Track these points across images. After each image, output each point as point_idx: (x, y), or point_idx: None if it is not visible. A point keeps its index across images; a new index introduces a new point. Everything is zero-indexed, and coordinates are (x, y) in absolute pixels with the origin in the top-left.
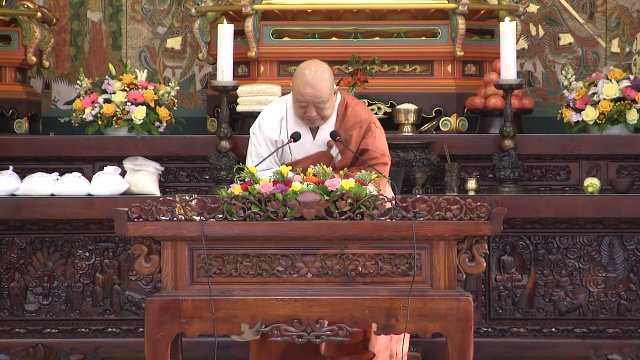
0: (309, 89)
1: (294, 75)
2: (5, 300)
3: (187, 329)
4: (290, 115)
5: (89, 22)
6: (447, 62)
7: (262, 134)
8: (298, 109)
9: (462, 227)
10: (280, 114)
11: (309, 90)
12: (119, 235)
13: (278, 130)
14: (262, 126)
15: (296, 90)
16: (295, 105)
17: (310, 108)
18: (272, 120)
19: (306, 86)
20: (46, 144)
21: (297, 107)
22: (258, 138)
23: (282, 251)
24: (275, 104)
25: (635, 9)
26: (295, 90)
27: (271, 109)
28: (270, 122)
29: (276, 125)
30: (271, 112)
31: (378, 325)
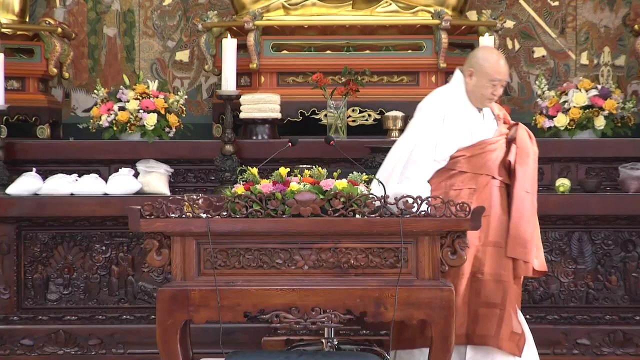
0: (504, 68)
1: (482, 58)
2: (29, 290)
3: (194, 316)
4: (453, 107)
5: (105, 37)
6: (431, 73)
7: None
8: (487, 89)
9: (445, 224)
10: (443, 109)
11: (504, 69)
12: (133, 230)
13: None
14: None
15: (492, 70)
16: (485, 86)
17: (499, 87)
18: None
19: (502, 66)
20: (66, 148)
21: (487, 87)
22: (432, 126)
23: (281, 245)
24: (436, 99)
25: (603, 25)
26: (491, 70)
27: (436, 101)
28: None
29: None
30: (438, 103)
31: (368, 313)
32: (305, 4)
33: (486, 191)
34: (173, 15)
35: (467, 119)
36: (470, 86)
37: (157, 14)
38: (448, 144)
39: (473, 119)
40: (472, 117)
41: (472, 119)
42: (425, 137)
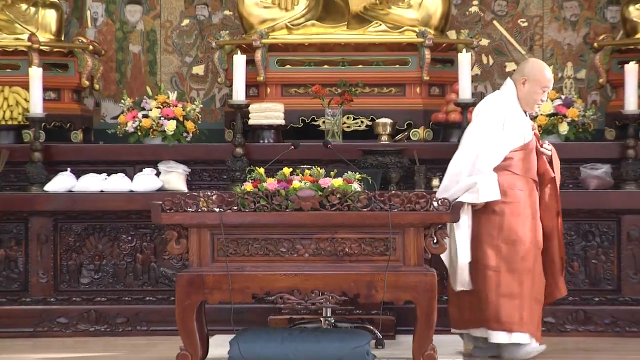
0: (552, 77)
1: (535, 68)
2: (65, 275)
3: (209, 297)
4: (509, 111)
5: (130, 53)
6: (416, 85)
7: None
8: (538, 95)
9: (428, 217)
10: (503, 114)
11: (552, 78)
12: (155, 223)
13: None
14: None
15: (544, 79)
16: (537, 92)
17: (546, 93)
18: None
19: (551, 75)
20: (96, 151)
21: (538, 93)
22: (493, 127)
23: (285, 236)
24: (494, 104)
25: (566, 43)
26: (543, 79)
27: (495, 106)
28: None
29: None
30: (497, 107)
31: (361, 295)
32: (306, 25)
33: (533, 194)
34: (190, 35)
35: (521, 122)
36: (523, 93)
37: (176, 33)
38: (507, 147)
39: (524, 122)
40: (524, 121)
41: (524, 122)
42: (489, 144)
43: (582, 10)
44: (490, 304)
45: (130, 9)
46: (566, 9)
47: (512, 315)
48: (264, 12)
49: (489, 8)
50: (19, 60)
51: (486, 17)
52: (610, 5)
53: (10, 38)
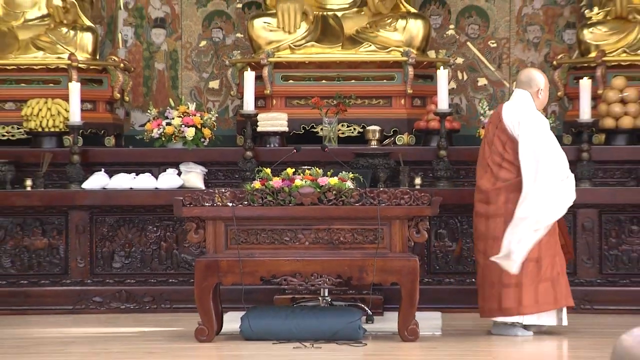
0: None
1: (540, 77)
2: (99, 260)
3: (223, 280)
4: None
5: (155, 70)
6: (401, 97)
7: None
8: (547, 96)
9: (411, 210)
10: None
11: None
12: (177, 216)
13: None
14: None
15: (547, 83)
16: (547, 95)
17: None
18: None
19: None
20: (126, 154)
21: (547, 95)
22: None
23: (288, 227)
24: (533, 109)
25: (529, 61)
26: (547, 83)
27: (537, 112)
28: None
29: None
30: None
31: (354, 277)
32: (306, 45)
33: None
34: (207, 54)
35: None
36: (541, 100)
37: (195, 53)
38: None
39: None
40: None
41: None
42: (553, 137)
43: (543, 33)
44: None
45: (156, 32)
46: (529, 32)
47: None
48: (270, 35)
49: (464, 31)
50: (61, 76)
51: (461, 39)
52: (567, 29)
53: (53, 57)
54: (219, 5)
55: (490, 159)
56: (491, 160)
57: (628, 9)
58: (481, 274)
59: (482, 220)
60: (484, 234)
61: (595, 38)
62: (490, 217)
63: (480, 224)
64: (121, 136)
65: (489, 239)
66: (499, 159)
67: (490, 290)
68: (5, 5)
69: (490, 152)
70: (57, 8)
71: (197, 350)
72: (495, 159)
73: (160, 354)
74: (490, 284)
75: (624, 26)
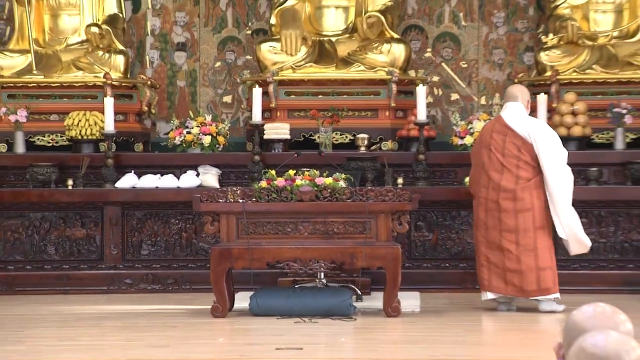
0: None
1: (524, 91)
2: (130, 248)
3: (235, 265)
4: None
5: (178, 87)
6: (386, 110)
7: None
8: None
9: (394, 206)
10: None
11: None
12: (195, 210)
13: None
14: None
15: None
16: (529, 105)
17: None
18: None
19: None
20: (153, 158)
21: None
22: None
23: (290, 220)
24: (526, 115)
25: (495, 79)
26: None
27: (528, 115)
28: None
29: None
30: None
31: (345, 262)
32: (306, 66)
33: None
34: (221, 73)
35: None
36: (528, 108)
37: (211, 72)
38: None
39: None
40: None
41: None
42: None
43: (506, 55)
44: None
45: (178, 54)
46: (494, 54)
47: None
48: (275, 57)
49: (439, 54)
50: (97, 92)
51: (436, 61)
52: (526, 52)
53: (91, 76)
54: (231, 31)
55: (506, 161)
56: (507, 162)
57: (578, 35)
58: (516, 261)
59: (511, 216)
60: (514, 227)
61: (550, 60)
62: (518, 212)
63: (509, 219)
64: (148, 143)
65: (519, 231)
66: (515, 161)
67: (529, 274)
68: (51, 32)
69: (504, 156)
70: (94, 34)
71: (212, 325)
72: (511, 162)
73: (181, 328)
74: (528, 269)
75: (575, 50)
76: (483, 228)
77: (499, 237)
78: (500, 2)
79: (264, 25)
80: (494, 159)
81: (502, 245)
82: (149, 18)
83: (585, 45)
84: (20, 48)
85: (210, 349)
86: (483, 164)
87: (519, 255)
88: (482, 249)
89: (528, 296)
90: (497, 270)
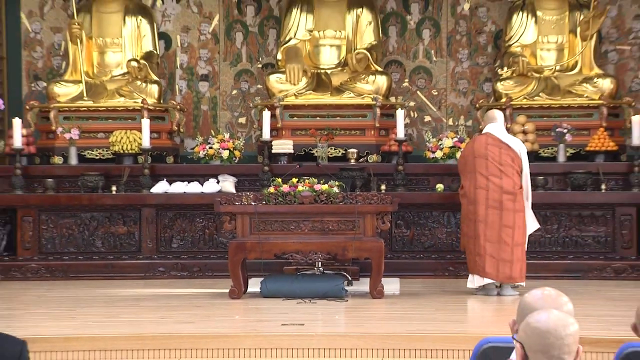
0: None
1: (499, 113)
2: (162, 242)
3: (248, 255)
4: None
5: (201, 110)
6: (371, 129)
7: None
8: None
9: (379, 207)
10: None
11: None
12: (216, 211)
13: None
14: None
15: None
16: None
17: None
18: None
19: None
20: (181, 168)
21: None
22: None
23: (293, 219)
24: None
25: (460, 104)
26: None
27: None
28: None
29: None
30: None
31: (338, 254)
32: (306, 93)
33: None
34: (237, 99)
35: None
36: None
37: (229, 98)
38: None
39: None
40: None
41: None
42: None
43: (469, 85)
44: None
45: (202, 84)
46: (460, 84)
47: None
48: (280, 86)
49: (415, 83)
50: (136, 115)
51: (412, 89)
52: (486, 82)
53: (131, 102)
54: (245, 65)
55: (504, 169)
56: (505, 170)
57: (527, 69)
58: (510, 252)
59: (510, 214)
60: (512, 224)
61: (505, 89)
62: (517, 212)
63: (509, 217)
64: (177, 156)
65: (516, 227)
66: (511, 169)
67: (517, 264)
68: (98, 65)
69: (501, 165)
70: (134, 68)
71: (230, 304)
72: (508, 169)
73: (204, 307)
74: (517, 260)
75: (525, 80)
76: (483, 223)
77: (499, 232)
78: (464, 42)
79: (272, 60)
80: (491, 167)
81: (501, 238)
82: (178, 54)
83: (533, 77)
84: (73, 79)
85: (228, 324)
86: (480, 171)
87: (512, 247)
88: (480, 241)
89: (514, 282)
90: (492, 260)
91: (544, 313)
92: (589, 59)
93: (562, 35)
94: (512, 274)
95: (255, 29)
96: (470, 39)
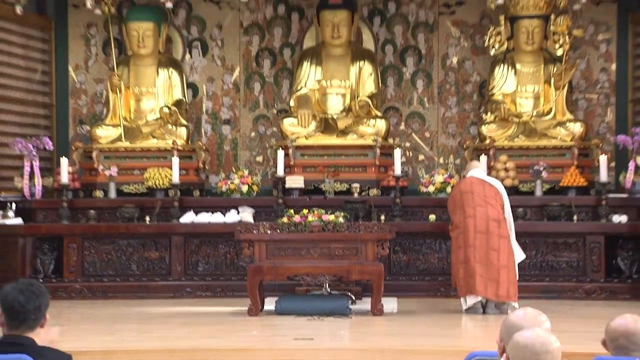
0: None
1: (480, 161)
2: (189, 265)
3: (264, 278)
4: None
5: (224, 150)
6: (372, 166)
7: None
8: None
9: (379, 235)
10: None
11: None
12: (237, 239)
13: None
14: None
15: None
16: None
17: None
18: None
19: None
20: (206, 201)
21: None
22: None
23: (304, 246)
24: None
25: (449, 145)
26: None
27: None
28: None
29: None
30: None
31: (344, 277)
32: (315, 135)
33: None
34: (255, 140)
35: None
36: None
37: (248, 140)
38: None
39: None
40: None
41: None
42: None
43: (457, 128)
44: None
45: (224, 127)
46: (449, 127)
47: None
48: (293, 129)
49: (410, 127)
50: (167, 154)
51: (408, 131)
52: (472, 125)
53: (163, 143)
54: (262, 111)
55: (488, 200)
56: (489, 201)
57: (508, 114)
58: (497, 273)
59: (495, 239)
60: (497, 247)
61: (489, 131)
62: (502, 237)
63: (494, 241)
64: (203, 190)
65: (501, 251)
66: (494, 201)
67: (503, 284)
68: (134, 111)
69: (485, 197)
70: (165, 114)
71: (248, 321)
72: (491, 201)
73: (226, 323)
74: (503, 280)
75: (506, 124)
76: (473, 247)
77: (486, 254)
78: (453, 90)
79: (286, 107)
80: (477, 199)
81: (488, 260)
82: (204, 101)
83: (513, 121)
84: (113, 123)
85: (246, 339)
86: (467, 203)
87: (499, 269)
88: (471, 263)
89: (500, 300)
90: (481, 278)
91: (530, 331)
92: (561, 105)
93: (538, 85)
94: (499, 292)
95: (271, 79)
96: (458, 88)
